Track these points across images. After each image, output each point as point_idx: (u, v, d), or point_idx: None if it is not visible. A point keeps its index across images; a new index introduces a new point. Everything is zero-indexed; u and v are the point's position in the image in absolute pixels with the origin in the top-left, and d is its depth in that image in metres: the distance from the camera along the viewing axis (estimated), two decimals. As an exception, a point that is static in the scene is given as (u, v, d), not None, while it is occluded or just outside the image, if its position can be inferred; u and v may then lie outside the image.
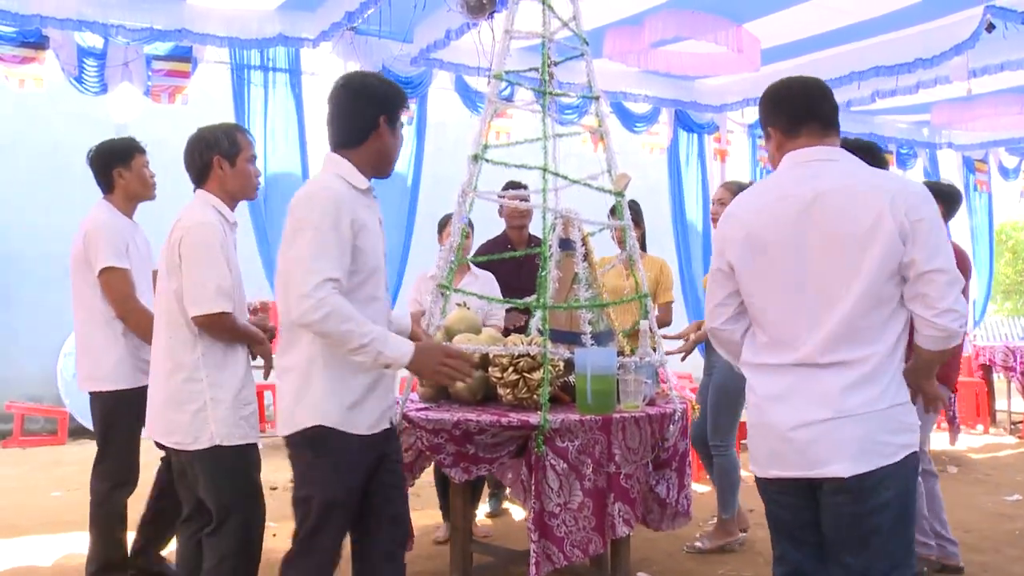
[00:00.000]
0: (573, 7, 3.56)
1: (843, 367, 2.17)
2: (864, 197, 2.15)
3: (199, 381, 2.79)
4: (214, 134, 2.94)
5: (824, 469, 2.17)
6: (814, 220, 2.19)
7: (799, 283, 2.22)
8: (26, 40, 5.24)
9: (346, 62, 6.07)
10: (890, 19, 5.76)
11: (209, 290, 2.74)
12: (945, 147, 9.36)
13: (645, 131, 7.60)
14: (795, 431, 2.20)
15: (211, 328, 2.79)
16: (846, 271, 2.15)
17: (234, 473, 2.84)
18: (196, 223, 2.80)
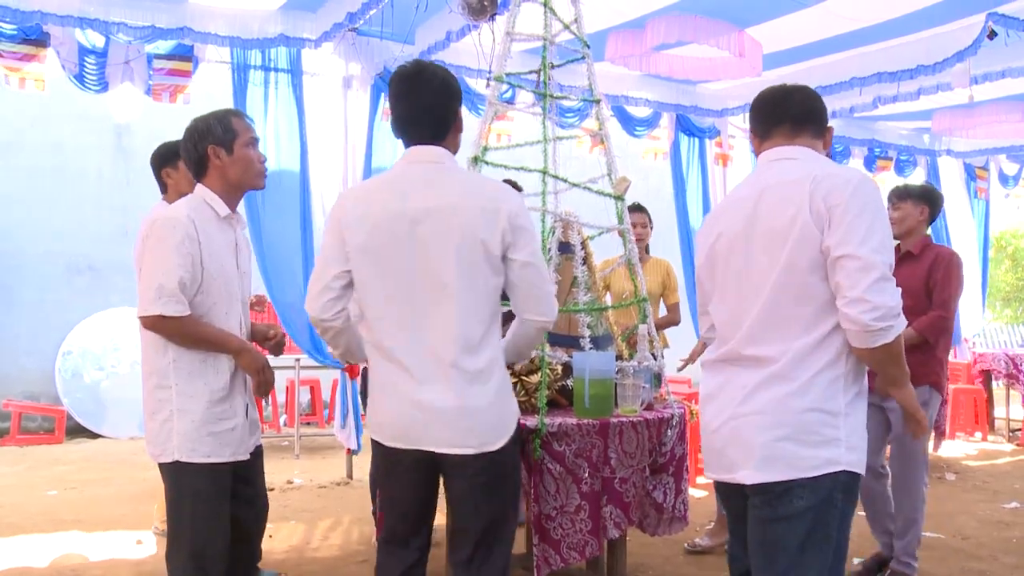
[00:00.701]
0: (575, 10, 3.56)
1: (756, 363, 2.10)
2: (791, 188, 2.10)
3: (168, 388, 2.61)
4: (206, 122, 2.72)
5: (735, 474, 2.13)
6: (756, 216, 2.18)
7: (739, 279, 2.23)
8: (27, 37, 5.23)
9: (347, 63, 6.06)
10: (892, 25, 5.75)
11: (150, 290, 2.54)
12: (945, 154, 9.35)
13: (646, 135, 7.59)
14: (715, 432, 2.21)
15: (157, 332, 2.58)
16: (768, 264, 2.12)
17: (192, 492, 2.61)
18: (159, 216, 2.64)
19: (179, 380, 2.61)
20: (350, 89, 6.12)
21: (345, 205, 2.38)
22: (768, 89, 2.42)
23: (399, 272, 2.30)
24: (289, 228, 5.78)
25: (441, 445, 2.29)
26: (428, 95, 2.38)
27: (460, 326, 2.27)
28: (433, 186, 2.33)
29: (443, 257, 2.28)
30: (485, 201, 2.31)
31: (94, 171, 8.41)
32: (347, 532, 4.78)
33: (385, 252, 2.30)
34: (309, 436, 7.85)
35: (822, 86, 6.61)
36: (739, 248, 2.22)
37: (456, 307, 2.28)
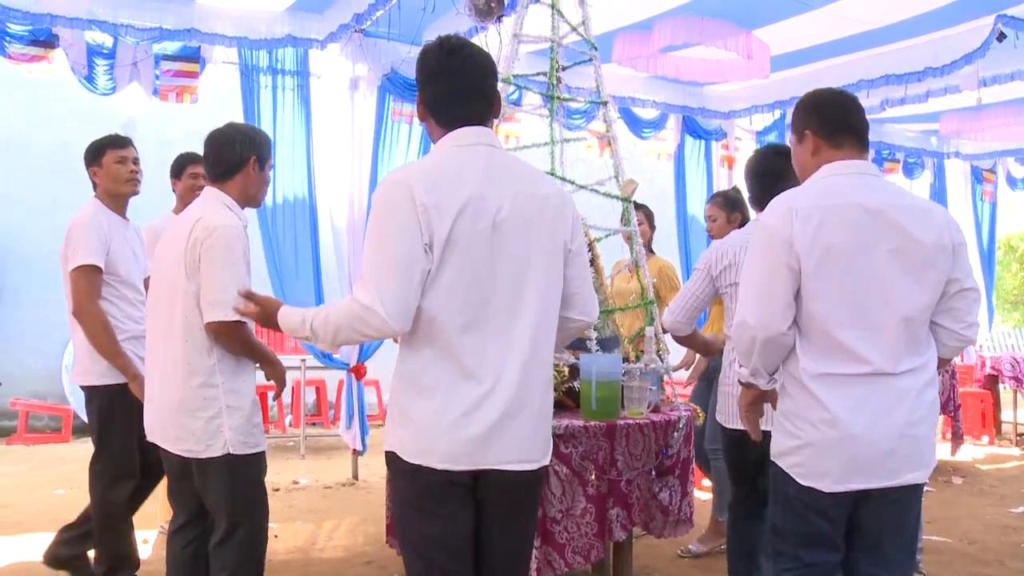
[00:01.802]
0: (582, 12, 3.56)
1: (912, 374, 2.27)
2: (927, 216, 2.31)
3: (215, 387, 2.71)
4: (255, 132, 2.90)
5: (905, 476, 2.27)
6: (880, 231, 2.25)
7: (867, 290, 2.24)
8: (36, 38, 5.25)
9: (354, 64, 6.07)
10: (901, 27, 5.74)
11: (228, 297, 2.62)
12: (953, 156, 9.33)
13: (653, 137, 7.58)
14: (876, 442, 2.23)
15: (224, 337, 2.69)
16: (916, 283, 2.27)
17: (247, 482, 2.79)
18: (222, 224, 2.68)
19: (225, 379, 2.72)
20: (357, 90, 6.12)
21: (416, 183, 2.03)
22: (832, 92, 2.48)
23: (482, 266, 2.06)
24: (296, 230, 5.79)
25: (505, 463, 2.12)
26: (478, 71, 2.19)
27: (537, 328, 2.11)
28: (507, 170, 2.14)
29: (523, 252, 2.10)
30: (549, 188, 2.21)
31: (101, 171, 8.43)
32: (352, 533, 4.78)
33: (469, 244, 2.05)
34: (315, 437, 7.85)
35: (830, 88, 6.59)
36: (857, 257, 2.23)
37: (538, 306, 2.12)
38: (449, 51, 2.18)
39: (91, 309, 3.42)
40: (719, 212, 4.50)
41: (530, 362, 2.08)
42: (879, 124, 8.48)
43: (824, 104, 2.43)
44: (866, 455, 2.23)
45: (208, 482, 2.76)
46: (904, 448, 2.24)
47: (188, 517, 2.90)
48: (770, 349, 2.31)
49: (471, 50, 2.20)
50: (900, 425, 2.23)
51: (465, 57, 2.18)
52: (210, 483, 2.75)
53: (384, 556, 4.21)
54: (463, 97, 2.17)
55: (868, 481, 2.25)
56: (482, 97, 2.19)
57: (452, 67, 2.17)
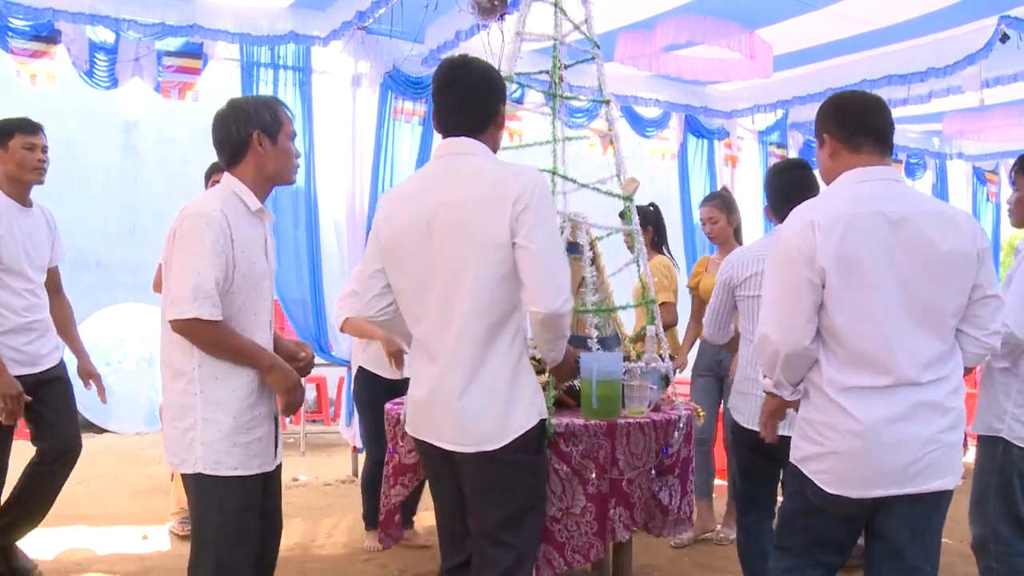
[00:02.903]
0: (585, 10, 3.55)
1: (938, 384, 2.27)
2: (951, 223, 2.28)
3: (192, 395, 2.41)
4: (253, 105, 2.54)
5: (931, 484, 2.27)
6: (903, 240, 2.23)
7: (891, 301, 2.23)
8: (38, 34, 5.25)
9: (356, 61, 6.07)
10: (903, 28, 5.73)
11: (184, 291, 2.33)
12: (955, 157, 9.32)
13: (655, 136, 7.58)
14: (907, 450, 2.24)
15: (190, 337, 2.38)
16: (942, 292, 2.26)
17: (218, 506, 2.43)
18: (192, 212, 2.43)
19: (205, 387, 2.41)
20: (359, 87, 6.12)
21: (381, 204, 2.54)
22: (854, 95, 2.49)
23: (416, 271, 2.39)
24: (296, 226, 5.80)
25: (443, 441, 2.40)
26: (468, 87, 2.40)
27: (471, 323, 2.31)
28: (451, 177, 2.38)
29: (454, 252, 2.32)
30: (490, 189, 2.29)
31: (102, 168, 8.43)
32: (352, 530, 4.78)
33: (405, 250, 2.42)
34: (315, 433, 7.86)
35: (832, 88, 6.58)
36: (882, 267, 2.22)
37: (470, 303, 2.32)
38: (450, 67, 2.43)
39: None
40: (719, 214, 4.51)
41: (471, 354, 2.32)
42: (881, 124, 8.47)
43: (842, 107, 2.44)
44: (892, 464, 2.24)
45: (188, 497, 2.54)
46: (930, 456, 2.25)
47: None
48: (793, 363, 2.33)
49: (469, 67, 2.41)
50: (926, 434, 2.24)
51: (462, 74, 2.40)
52: (188, 499, 2.53)
53: (384, 553, 4.21)
54: (453, 111, 2.42)
55: (892, 488, 2.26)
56: (472, 111, 2.41)
57: (448, 82, 2.42)
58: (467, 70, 2.41)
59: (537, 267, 2.26)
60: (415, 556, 4.30)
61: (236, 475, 2.44)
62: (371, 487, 4.32)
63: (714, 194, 4.96)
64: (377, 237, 2.48)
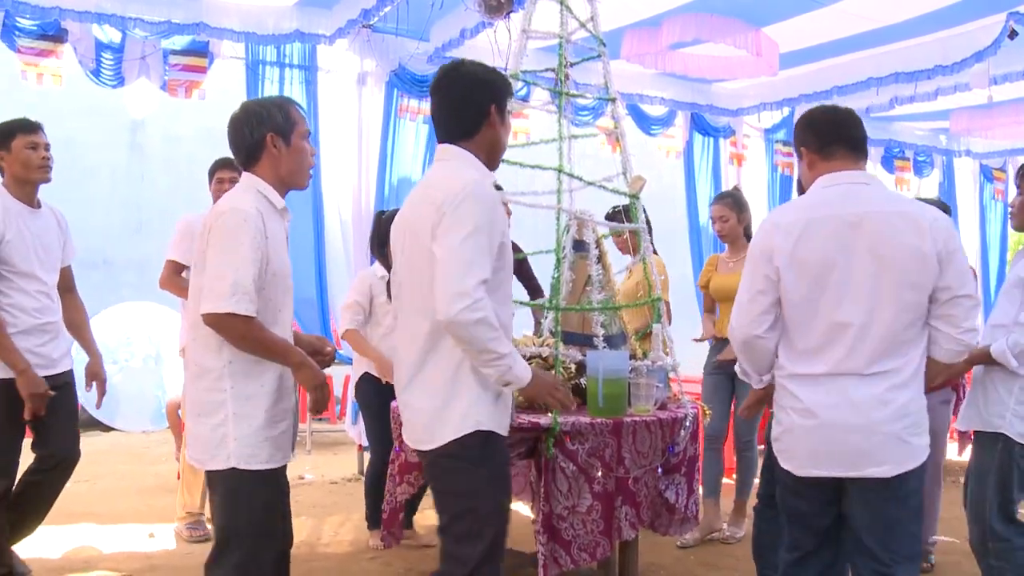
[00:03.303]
0: (591, 8, 3.55)
1: (883, 376, 2.40)
2: (911, 222, 2.38)
3: (222, 391, 2.42)
4: (266, 107, 2.55)
5: (867, 470, 2.41)
6: (858, 240, 2.39)
7: (841, 298, 2.41)
8: (45, 33, 5.26)
9: (362, 59, 6.07)
10: (910, 25, 5.71)
11: (222, 285, 2.34)
12: (963, 155, 9.28)
13: (661, 134, 7.56)
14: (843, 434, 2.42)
15: (222, 332, 2.38)
16: (895, 290, 2.37)
17: (251, 504, 2.46)
18: (228, 208, 2.44)
19: (235, 382, 2.43)
20: (364, 86, 6.12)
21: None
22: (820, 108, 2.65)
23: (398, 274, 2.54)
24: (302, 224, 5.80)
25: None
26: (453, 94, 2.46)
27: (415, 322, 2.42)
28: (420, 184, 2.54)
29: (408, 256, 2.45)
30: (433, 193, 2.36)
31: (108, 166, 8.44)
32: (358, 528, 4.78)
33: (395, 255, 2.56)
34: (321, 432, 7.86)
35: (839, 86, 6.58)
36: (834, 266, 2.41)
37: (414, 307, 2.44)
38: (439, 74, 2.48)
39: None
40: (730, 213, 4.50)
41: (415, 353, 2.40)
42: (888, 122, 8.45)
43: (814, 121, 2.60)
44: (828, 446, 2.44)
45: (213, 495, 2.53)
46: (867, 444, 2.40)
47: None
48: (748, 350, 2.58)
49: (458, 72, 2.45)
50: (864, 422, 2.39)
51: (450, 80, 2.45)
52: (215, 496, 2.52)
53: (389, 552, 4.21)
54: (440, 118, 2.49)
55: (830, 470, 2.46)
56: (457, 117, 2.44)
57: (435, 89, 2.48)
58: (454, 76, 2.46)
59: (439, 273, 2.26)
60: (420, 554, 4.29)
61: (268, 468, 2.47)
62: (374, 489, 4.33)
63: (725, 193, 4.94)
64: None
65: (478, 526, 2.36)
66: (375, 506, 4.33)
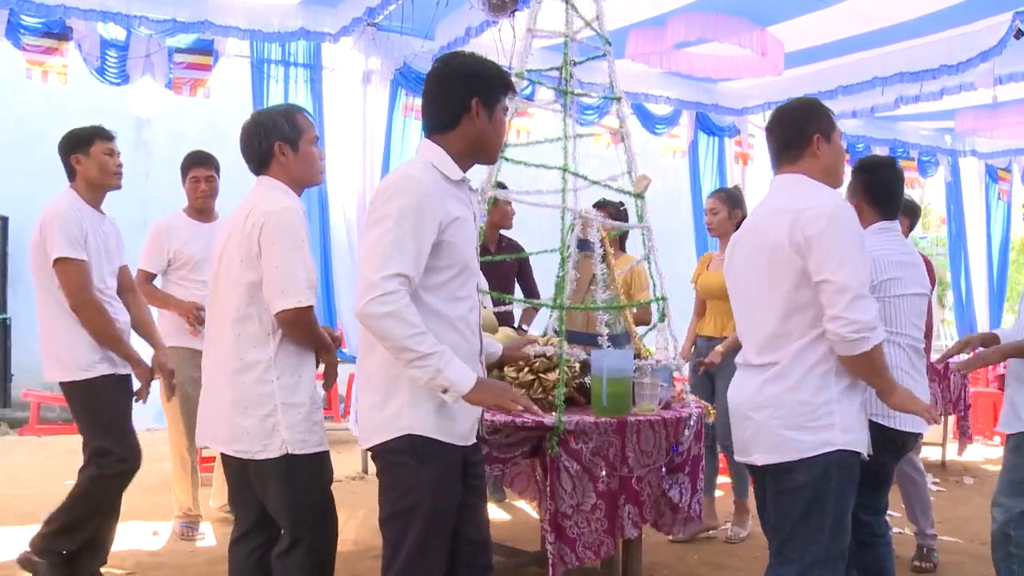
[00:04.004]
0: (596, 7, 3.54)
1: (766, 367, 2.48)
2: (779, 217, 2.45)
3: (270, 383, 2.52)
4: (272, 118, 2.66)
5: (751, 457, 2.54)
6: (744, 241, 2.62)
7: (741, 295, 2.64)
8: (50, 31, 5.27)
9: (367, 58, 6.07)
10: (915, 24, 5.70)
11: (299, 281, 2.48)
12: (968, 155, 9.27)
13: (666, 133, 7.56)
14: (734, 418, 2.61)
15: (295, 324, 2.52)
16: (767, 283, 2.47)
17: (308, 486, 2.58)
18: (281, 208, 2.54)
19: (281, 373, 2.54)
20: (369, 84, 6.13)
21: None
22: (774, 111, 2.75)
23: None
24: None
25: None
26: (431, 86, 2.37)
27: None
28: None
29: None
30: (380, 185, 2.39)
31: (114, 164, 8.46)
32: (362, 527, 4.78)
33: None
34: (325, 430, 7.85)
35: (844, 85, 6.57)
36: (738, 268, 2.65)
37: None
38: (433, 64, 2.43)
39: (90, 299, 3.31)
40: (721, 206, 4.53)
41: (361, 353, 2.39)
42: (893, 122, 8.44)
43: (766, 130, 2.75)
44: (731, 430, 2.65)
45: (267, 486, 2.58)
46: (749, 430, 2.52)
47: (251, 524, 2.71)
48: None
49: (441, 63, 2.39)
50: (744, 408, 2.53)
51: (432, 72, 2.38)
52: (269, 487, 2.57)
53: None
54: (423, 108, 2.40)
55: (737, 454, 2.63)
56: (434, 110, 2.35)
57: (425, 79, 2.42)
58: (437, 66, 2.38)
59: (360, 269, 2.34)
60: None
61: (320, 451, 2.62)
62: None
63: (721, 188, 4.95)
64: None
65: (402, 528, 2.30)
66: None
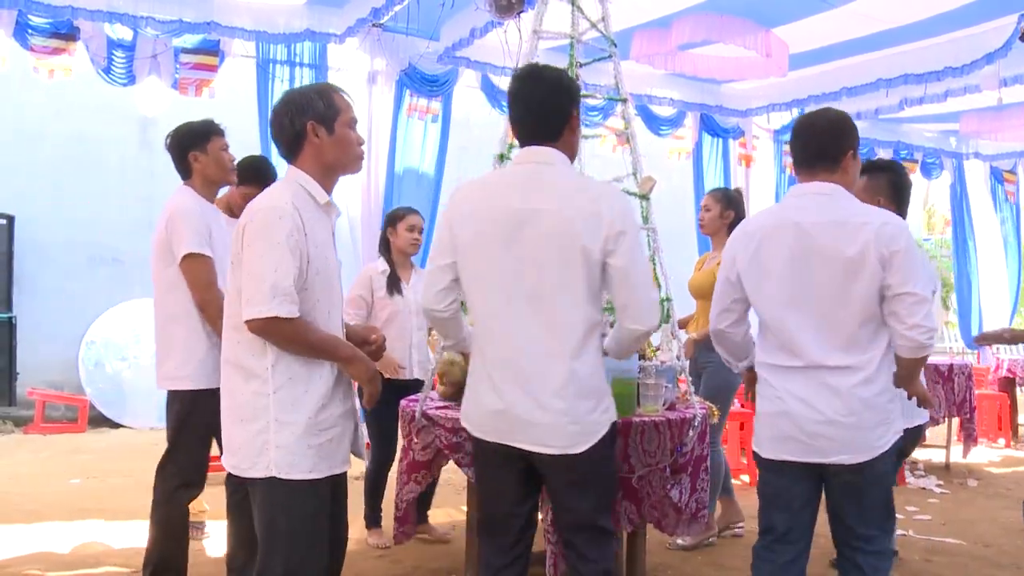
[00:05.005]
0: (602, 8, 3.55)
1: (847, 371, 2.57)
2: (854, 231, 2.55)
3: (266, 396, 2.32)
4: (306, 96, 2.45)
5: (834, 458, 2.59)
6: (810, 246, 2.58)
7: (798, 298, 2.61)
8: (57, 31, 5.30)
9: (372, 58, 6.09)
10: (920, 27, 5.71)
11: (262, 289, 2.24)
12: (972, 157, 9.26)
13: (670, 134, 7.57)
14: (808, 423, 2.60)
15: (268, 337, 2.29)
16: (842, 291, 2.56)
17: (291, 515, 2.33)
18: (263, 207, 2.34)
19: (279, 387, 2.32)
20: (375, 85, 6.14)
21: (456, 201, 2.57)
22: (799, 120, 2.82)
23: (501, 272, 2.46)
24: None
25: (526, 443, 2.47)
26: (539, 95, 2.52)
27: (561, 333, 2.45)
28: (539, 188, 2.46)
29: (543, 261, 2.42)
30: (587, 203, 2.40)
31: (118, 163, 8.48)
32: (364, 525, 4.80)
33: (489, 251, 2.47)
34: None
35: (848, 87, 6.57)
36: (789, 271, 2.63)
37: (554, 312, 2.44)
38: (519, 78, 2.57)
39: (217, 296, 3.10)
40: (714, 204, 4.54)
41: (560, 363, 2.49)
42: (897, 124, 8.43)
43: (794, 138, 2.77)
44: (794, 433, 2.63)
45: (253, 505, 2.41)
46: (832, 433, 2.57)
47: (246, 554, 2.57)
48: (719, 340, 2.90)
49: (540, 76, 2.53)
50: (828, 413, 2.57)
51: (533, 83, 2.53)
52: (254, 507, 2.40)
53: (398, 549, 4.23)
54: (524, 120, 2.55)
55: (796, 455, 2.64)
56: (545, 120, 2.52)
57: (519, 92, 2.55)
58: (536, 80, 2.52)
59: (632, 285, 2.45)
60: (429, 551, 4.31)
61: (309, 478, 2.34)
62: (373, 488, 4.38)
63: (718, 188, 4.96)
64: (452, 231, 2.54)
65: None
66: (374, 505, 4.39)
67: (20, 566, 3.95)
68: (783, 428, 2.66)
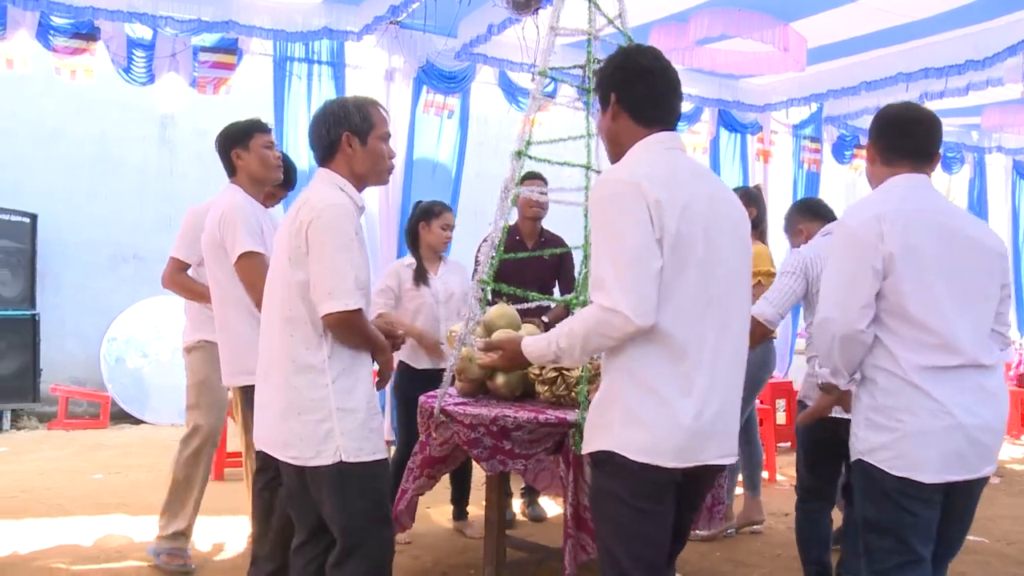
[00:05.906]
0: (619, 4, 3.54)
1: (995, 370, 2.41)
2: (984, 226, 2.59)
3: (324, 387, 2.44)
4: (344, 107, 2.59)
5: (984, 470, 2.38)
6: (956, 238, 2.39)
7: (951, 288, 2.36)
8: (78, 31, 5.35)
9: (390, 56, 6.10)
10: (941, 19, 5.65)
11: (347, 283, 2.40)
12: (994, 151, 9.17)
13: (687, 130, 7.54)
14: (977, 433, 2.33)
15: (342, 328, 2.43)
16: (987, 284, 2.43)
17: (363, 494, 2.47)
18: (328, 204, 2.45)
19: (336, 377, 2.46)
20: (392, 82, 6.16)
21: (654, 188, 2.07)
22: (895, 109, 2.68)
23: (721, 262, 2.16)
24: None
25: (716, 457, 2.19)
26: (676, 79, 2.31)
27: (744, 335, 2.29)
28: (701, 173, 2.28)
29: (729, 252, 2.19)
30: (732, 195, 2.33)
31: (138, 161, 8.54)
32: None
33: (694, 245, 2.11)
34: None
35: (867, 82, 6.53)
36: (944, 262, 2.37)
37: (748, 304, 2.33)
38: (655, 56, 2.30)
39: None
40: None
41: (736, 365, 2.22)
42: (918, 118, 8.34)
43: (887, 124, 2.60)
44: (963, 447, 2.31)
45: (321, 494, 2.49)
46: (987, 441, 2.35)
47: (309, 533, 2.62)
48: (848, 346, 2.39)
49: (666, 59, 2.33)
50: (990, 419, 2.35)
51: (667, 64, 2.30)
52: (323, 495, 2.49)
53: (417, 544, 4.25)
54: (665, 99, 2.27)
55: (960, 473, 2.33)
56: (674, 105, 2.31)
57: (658, 69, 2.27)
58: (667, 61, 2.31)
59: None
60: (448, 547, 4.33)
61: (376, 459, 2.50)
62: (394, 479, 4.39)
63: (741, 187, 4.92)
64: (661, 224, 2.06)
65: None
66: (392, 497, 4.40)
67: (46, 559, 4.00)
68: (956, 445, 2.30)
